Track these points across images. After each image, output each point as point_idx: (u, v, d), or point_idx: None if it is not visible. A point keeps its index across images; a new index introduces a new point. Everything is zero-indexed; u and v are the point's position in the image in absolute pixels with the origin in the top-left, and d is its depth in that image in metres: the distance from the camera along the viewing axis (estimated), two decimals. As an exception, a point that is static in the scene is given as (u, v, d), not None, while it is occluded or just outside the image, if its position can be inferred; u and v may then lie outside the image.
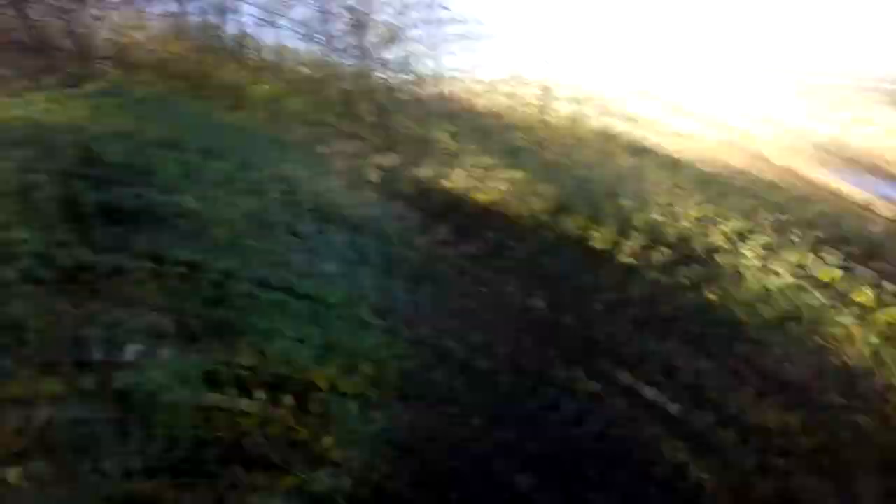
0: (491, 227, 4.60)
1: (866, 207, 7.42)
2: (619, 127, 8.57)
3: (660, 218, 4.44)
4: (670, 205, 4.71)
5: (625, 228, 4.29)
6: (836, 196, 8.01)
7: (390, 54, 8.49)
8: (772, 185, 7.41)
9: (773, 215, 4.87)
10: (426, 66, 8.73)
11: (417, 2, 8.00)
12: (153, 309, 2.39)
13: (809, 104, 12.89)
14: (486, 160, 5.33)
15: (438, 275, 4.03)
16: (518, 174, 5.09)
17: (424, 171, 5.19)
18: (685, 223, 4.51)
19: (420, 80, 8.72)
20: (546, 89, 8.35)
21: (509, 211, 4.79)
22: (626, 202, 4.61)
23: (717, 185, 5.94)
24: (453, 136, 6.58)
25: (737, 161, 9.51)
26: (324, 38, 8.01)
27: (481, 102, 8.71)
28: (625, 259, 4.13)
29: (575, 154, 6.33)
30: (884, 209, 7.85)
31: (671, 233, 4.25)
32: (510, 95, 8.50)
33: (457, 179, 4.98)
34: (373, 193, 4.99)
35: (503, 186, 4.90)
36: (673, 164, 7.30)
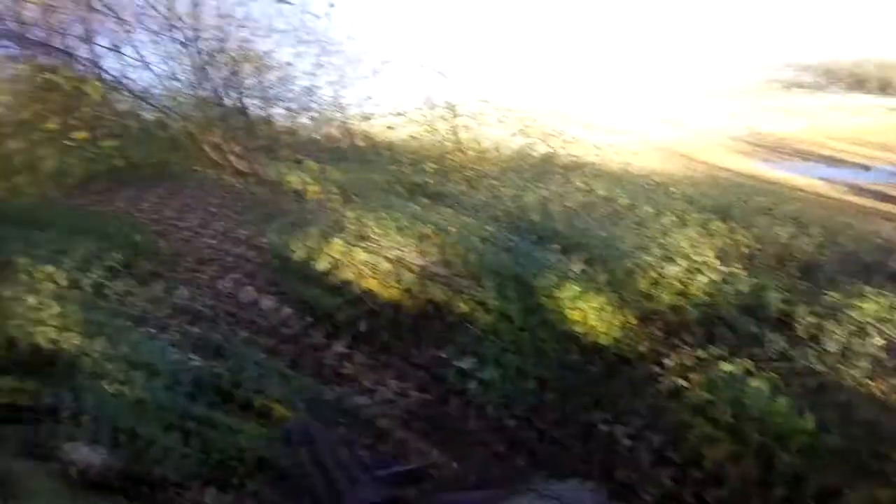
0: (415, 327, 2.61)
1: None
2: (544, 147, 6.93)
3: (680, 272, 2.55)
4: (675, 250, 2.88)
5: (642, 306, 2.31)
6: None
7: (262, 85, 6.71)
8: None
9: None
10: (312, 101, 6.92)
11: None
12: None
13: (718, 102, 12.01)
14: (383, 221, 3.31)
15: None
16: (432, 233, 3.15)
17: (295, 246, 3.15)
18: (714, 276, 2.67)
19: (294, 113, 6.87)
20: (453, 108, 6.57)
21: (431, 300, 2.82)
22: (621, 255, 2.71)
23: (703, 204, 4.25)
24: (332, 184, 4.46)
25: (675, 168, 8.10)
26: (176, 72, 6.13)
27: (374, 134, 6.84)
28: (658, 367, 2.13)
29: (507, 182, 4.53)
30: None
31: (717, 297, 2.31)
32: (412, 123, 6.66)
33: (336, 254, 2.96)
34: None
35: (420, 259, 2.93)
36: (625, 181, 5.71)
